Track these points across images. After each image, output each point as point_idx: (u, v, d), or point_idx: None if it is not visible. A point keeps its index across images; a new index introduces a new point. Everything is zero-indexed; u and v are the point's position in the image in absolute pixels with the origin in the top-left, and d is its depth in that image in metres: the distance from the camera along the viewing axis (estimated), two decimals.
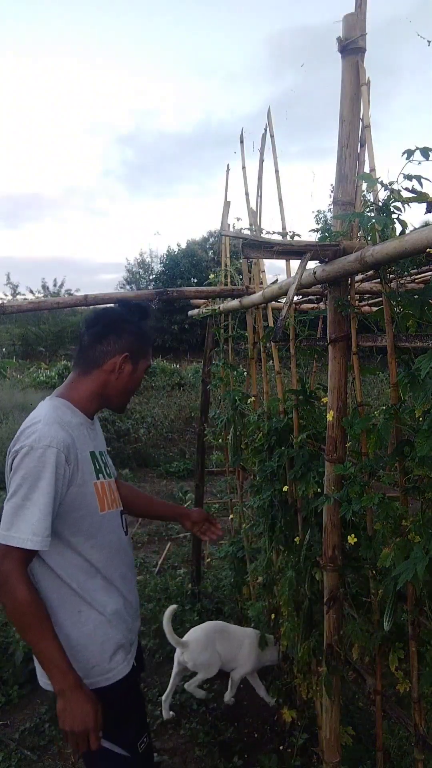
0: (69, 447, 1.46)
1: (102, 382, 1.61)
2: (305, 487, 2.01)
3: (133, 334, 1.63)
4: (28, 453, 1.41)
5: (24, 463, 1.41)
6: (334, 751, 1.82)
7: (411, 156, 1.32)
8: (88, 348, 1.61)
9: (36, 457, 1.40)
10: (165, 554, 4.63)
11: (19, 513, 1.37)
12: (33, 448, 1.41)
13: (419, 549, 1.31)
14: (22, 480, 1.40)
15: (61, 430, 1.46)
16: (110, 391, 1.63)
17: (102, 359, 1.60)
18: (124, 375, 1.62)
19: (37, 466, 1.40)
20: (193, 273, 25.98)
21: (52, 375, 16.38)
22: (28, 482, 1.39)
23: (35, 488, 1.39)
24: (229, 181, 3.05)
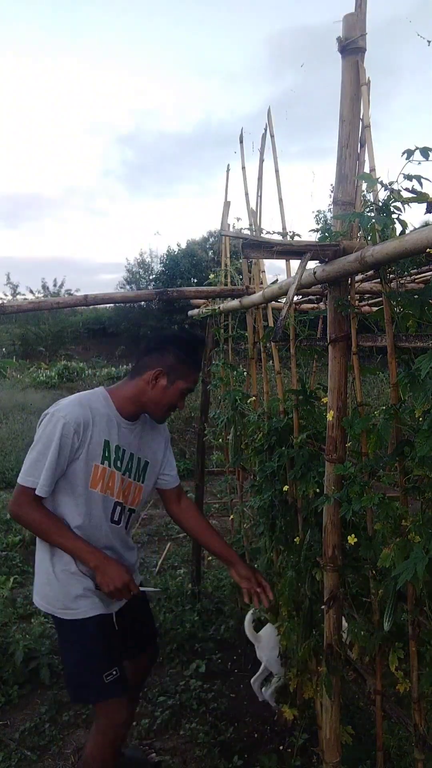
0: (81, 425, 1.78)
1: (140, 389, 1.89)
2: (305, 487, 2.01)
3: (175, 356, 1.88)
4: (48, 418, 1.79)
5: (43, 425, 1.79)
6: (334, 751, 1.82)
7: (411, 156, 1.32)
8: (139, 359, 1.94)
9: (52, 423, 1.77)
10: (165, 554, 4.63)
11: (35, 464, 1.77)
12: (53, 415, 1.79)
13: (419, 549, 1.31)
14: (39, 438, 1.78)
15: (80, 408, 1.81)
16: (146, 400, 1.90)
17: (143, 370, 1.89)
18: (158, 388, 1.87)
19: (51, 431, 1.76)
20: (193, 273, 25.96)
21: (52, 375, 16.41)
22: (42, 441, 1.77)
23: (48, 448, 1.75)
24: (229, 181, 3.05)
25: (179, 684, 2.89)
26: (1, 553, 4.60)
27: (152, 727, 2.60)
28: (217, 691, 2.85)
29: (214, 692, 2.84)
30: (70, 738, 2.57)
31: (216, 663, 3.08)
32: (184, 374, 1.89)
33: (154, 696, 2.81)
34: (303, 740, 2.37)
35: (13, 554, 4.60)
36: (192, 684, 2.88)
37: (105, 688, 1.85)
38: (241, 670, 3.04)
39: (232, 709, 2.74)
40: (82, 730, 2.56)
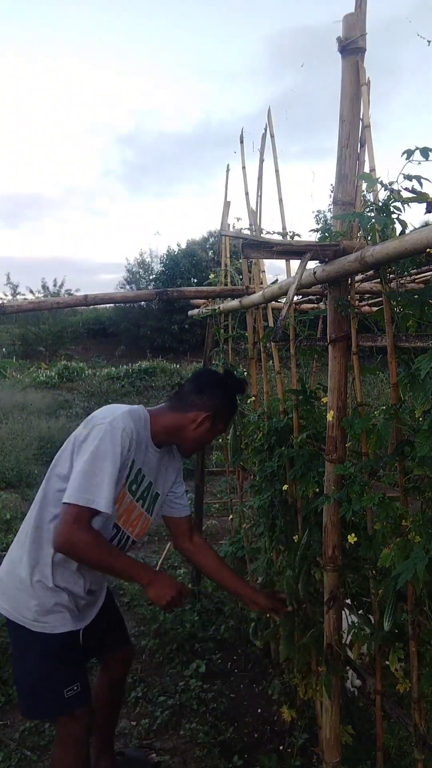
0: (134, 441, 1.72)
1: (181, 425, 1.86)
2: (305, 487, 2.01)
3: (223, 401, 1.88)
4: (104, 429, 1.66)
5: (100, 436, 1.64)
6: (334, 751, 1.82)
7: (411, 156, 1.32)
8: (186, 394, 1.89)
9: (110, 433, 1.65)
10: (165, 554, 4.63)
11: (91, 479, 1.59)
12: (110, 426, 1.66)
13: (419, 549, 1.31)
14: (95, 449, 1.62)
15: (132, 423, 1.73)
16: (183, 435, 1.88)
17: (190, 408, 1.85)
18: (201, 429, 1.86)
19: (111, 442, 1.64)
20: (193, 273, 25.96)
21: (52, 375, 16.40)
22: (99, 454, 1.62)
23: (106, 460, 1.62)
24: (229, 181, 3.05)
25: (179, 684, 2.89)
26: (1, 553, 4.60)
27: (152, 727, 2.60)
28: (217, 691, 2.85)
29: (214, 692, 2.84)
30: None
31: (216, 663, 3.08)
32: (226, 417, 1.94)
33: (154, 696, 2.81)
34: (303, 740, 2.37)
35: None
36: (192, 684, 2.87)
37: (64, 703, 1.76)
38: (241, 670, 3.04)
39: (232, 709, 2.74)
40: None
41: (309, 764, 2.30)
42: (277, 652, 2.71)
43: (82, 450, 1.66)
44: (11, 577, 1.80)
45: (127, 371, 15.89)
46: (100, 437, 1.64)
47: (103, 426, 1.67)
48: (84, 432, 1.72)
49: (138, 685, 2.90)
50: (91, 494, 1.58)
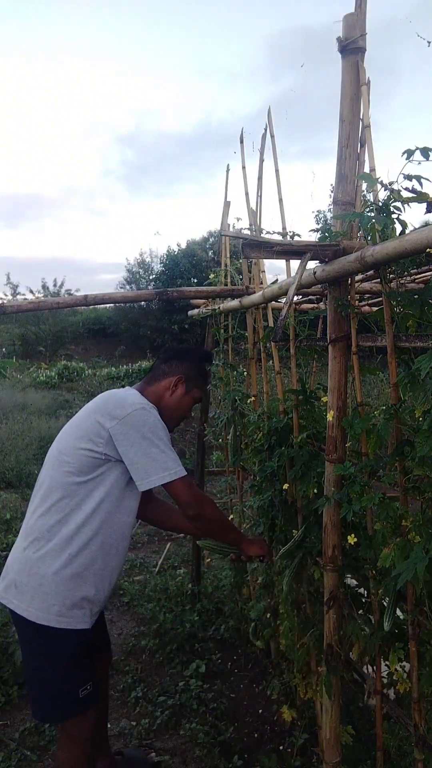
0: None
1: (159, 394, 1.97)
2: (305, 487, 2.01)
3: (194, 366, 2.02)
4: (140, 412, 1.75)
5: (140, 421, 1.74)
6: (334, 751, 1.82)
7: (411, 156, 1.32)
8: (157, 368, 2.02)
9: (149, 414, 1.76)
10: (165, 554, 4.63)
11: (168, 453, 1.73)
12: (143, 408, 1.77)
13: (419, 549, 1.31)
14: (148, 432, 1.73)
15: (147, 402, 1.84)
16: (163, 404, 1.96)
17: (162, 377, 1.99)
18: (176, 395, 1.97)
19: (152, 420, 1.75)
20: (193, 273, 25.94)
21: (52, 375, 16.38)
22: (152, 432, 1.73)
23: (159, 435, 1.74)
24: (229, 181, 3.05)
25: (179, 684, 2.89)
26: (1, 553, 4.59)
27: (152, 727, 2.60)
28: (217, 691, 2.85)
29: (214, 692, 2.84)
30: None
31: (216, 663, 3.08)
32: (200, 384, 2.04)
33: (154, 696, 2.81)
34: (303, 740, 2.37)
35: None
36: (192, 684, 2.87)
37: (79, 702, 1.79)
38: (241, 670, 3.04)
39: (232, 709, 2.74)
40: None
41: (309, 764, 2.30)
42: (278, 652, 2.71)
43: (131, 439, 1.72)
44: (31, 577, 1.77)
45: (127, 371, 15.88)
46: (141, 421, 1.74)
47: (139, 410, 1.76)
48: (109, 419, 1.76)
49: (138, 685, 2.90)
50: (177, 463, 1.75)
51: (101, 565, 1.81)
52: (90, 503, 1.77)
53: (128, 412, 1.74)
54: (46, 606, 1.74)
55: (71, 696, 1.78)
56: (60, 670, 1.78)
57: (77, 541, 1.77)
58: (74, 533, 1.77)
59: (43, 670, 1.80)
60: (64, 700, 1.79)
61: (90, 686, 1.82)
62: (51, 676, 1.79)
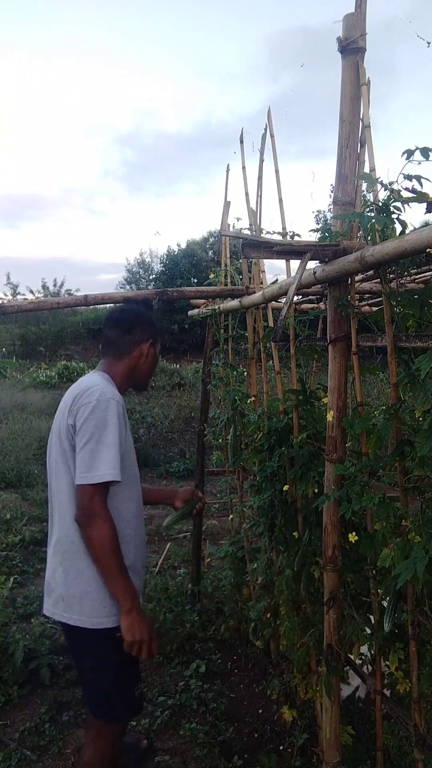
0: (121, 404, 1.78)
1: (132, 366, 1.96)
2: (305, 487, 2.01)
3: (152, 324, 2.01)
4: (96, 405, 1.71)
5: (93, 414, 1.70)
6: (334, 751, 1.82)
7: (411, 156, 1.32)
8: (119, 340, 1.95)
9: (103, 407, 1.71)
10: (165, 554, 4.63)
11: (95, 456, 1.66)
12: (99, 401, 1.71)
13: (419, 549, 1.31)
14: (93, 428, 1.69)
15: (112, 387, 1.82)
16: (138, 373, 1.98)
17: (131, 348, 1.94)
18: (150, 358, 1.99)
19: (105, 415, 1.70)
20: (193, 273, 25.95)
21: (52, 375, 16.38)
22: (98, 429, 1.69)
23: (105, 433, 1.69)
24: (229, 181, 3.05)
25: (179, 684, 2.89)
26: (1, 553, 4.60)
27: (152, 727, 2.60)
28: (217, 691, 2.85)
29: (214, 692, 2.84)
30: (70, 738, 2.57)
31: (216, 663, 3.08)
32: (159, 336, 2.05)
33: (154, 696, 2.81)
34: (303, 740, 2.37)
35: (13, 554, 4.60)
36: (192, 684, 2.88)
37: (134, 703, 1.85)
38: (241, 670, 3.04)
39: (232, 709, 2.74)
40: (82, 730, 2.56)
41: (309, 764, 2.30)
42: (277, 652, 2.72)
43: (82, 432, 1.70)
44: (77, 587, 1.76)
45: None
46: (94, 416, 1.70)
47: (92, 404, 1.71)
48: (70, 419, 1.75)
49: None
50: (101, 470, 1.66)
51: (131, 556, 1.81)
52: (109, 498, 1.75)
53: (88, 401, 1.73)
54: (99, 608, 1.75)
55: (129, 696, 1.83)
56: (117, 670, 1.80)
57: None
58: None
59: (104, 673, 1.81)
60: (123, 701, 1.83)
61: (139, 687, 1.88)
62: (112, 677, 1.81)
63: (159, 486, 2.76)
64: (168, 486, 7.02)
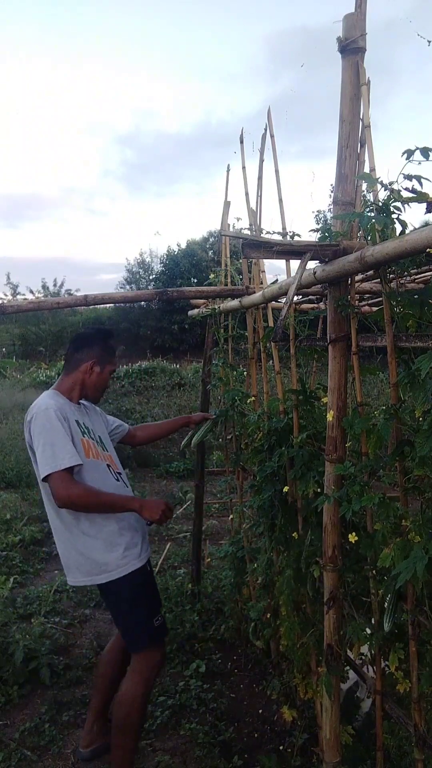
0: (61, 410, 2.14)
1: (79, 379, 2.31)
2: (305, 487, 2.01)
3: (100, 347, 2.34)
4: (37, 415, 2.11)
5: (39, 423, 2.09)
6: (334, 751, 1.82)
7: (411, 156, 1.32)
8: (70, 356, 2.35)
9: (43, 416, 2.10)
10: (165, 554, 4.63)
11: (52, 451, 2.03)
12: (39, 411, 2.12)
13: (419, 549, 1.31)
14: (42, 432, 2.06)
15: (52, 400, 2.18)
16: (86, 386, 2.33)
17: (78, 364, 2.31)
18: (94, 374, 2.32)
19: (48, 420, 2.09)
20: (193, 273, 25.95)
21: (52, 375, 16.36)
22: (46, 431, 2.06)
23: (52, 432, 2.06)
24: (229, 181, 3.05)
25: (179, 684, 2.89)
26: (1, 553, 4.60)
27: (152, 727, 2.60)
28: (217, 691, 2.85)
29: (214, 692, 2.84)
30: (70, 738, 2.57)
31: (216, 663, 3.08)
32: (110, 359, 2.38)
33: (154, 696, 2.81)
34: (303, 740, 2.37)
35: (13, 554, 4.60)
36: (192, 684, 2.88)
37: (155, 632, 2.21)
38: (241, 670, 3.04)
39: (232, 709, 2.74)
40: (81, 730, 2.56)
41: (309, 764, 2.30)
42: (278, 651, 2.72)
43: (37, 441, 2.07)
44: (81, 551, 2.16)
45: (127, 371, 15.86)
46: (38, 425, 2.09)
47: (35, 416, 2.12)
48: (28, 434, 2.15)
49: None
50: (57, 459, 2.02)
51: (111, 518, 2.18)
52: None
53: (32, 414, 2.13)
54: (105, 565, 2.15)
55: (147, 626, 2.20)
56: (133, 605, 2.20)
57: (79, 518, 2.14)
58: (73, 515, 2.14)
59: (127, 612, 2.21)
60: (140, 631, 2.20)
61: (160, 618, 2.26)
62: (132, 614, 2.21)
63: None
64: (168, 486, 7.02)
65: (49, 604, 3.72)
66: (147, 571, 2.28)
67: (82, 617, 3.67)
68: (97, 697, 2.46)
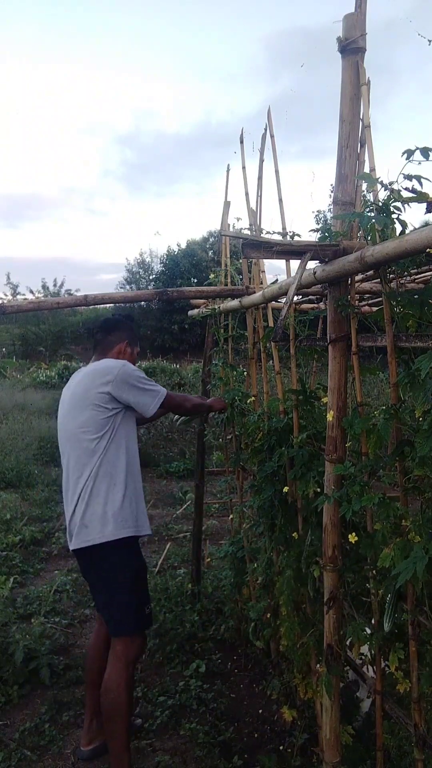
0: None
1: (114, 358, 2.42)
2: (305, 487, 2.01)
3: (129, 330, 2.54)
4: (125, 367, 2.29)
5: (127, 371, 2.27)
6: (334, 751, 1.82)
7: (411, 156, 1.32)
8: (104, 340, 2.49)
9: (126, 366, 2.29)
10: (165, 554, 4.63)
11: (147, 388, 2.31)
12: (126, 365, 2.31)
13: (419, 549, 1.31)
14: (131, 380, 2.27)
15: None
16: None
17: (113, 345, 2.47)
18: (127, 354, 2.48)
19: (130, 369, 2.29)
20: (193, 273, 25.96)
21: (52, 375, 16.39)
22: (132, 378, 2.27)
23: (140, 378, 2.30)
24: (229, 181, 3.05)
25: (179, 684, 2.89)
26: (1, 553, 4.60)
27: (152, 727, 2.60)
28: (217, 691, 2.85)
29: (214, 692, 2.84)
30: (70, 738, 2.57)
31: (216, 663, 3.08)
32: (136, 341, 2.57)
33: (154, 696, 2.81)
34: (303, 740, 2.37)
35: (13, 554, 4.60)
36: (192, 684, 2.88)
37: (143, 619, 2.27)
38: (241, 670, 3.04)
39: (232, 709, 2.74)
40: (81, 730, 2.56)
41: (309, 764, 2.30)
42: (278, 651, 2.71)
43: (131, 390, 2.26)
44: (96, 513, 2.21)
45: None
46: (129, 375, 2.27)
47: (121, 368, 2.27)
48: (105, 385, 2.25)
49: (138, 685, 2.90)
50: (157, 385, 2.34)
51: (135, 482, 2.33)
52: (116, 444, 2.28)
53: (115, 373, 2.25)
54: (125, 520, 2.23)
55: (138, 612, 2.24)
56: (132, 582, 2.24)
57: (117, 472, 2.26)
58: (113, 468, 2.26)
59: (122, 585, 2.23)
60: (132, 615, 2.23)
61: (149, 608, 2.31)
62: (127, 589, 2.24)
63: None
64: (168, 486, 7.02)
65: (49, 604, 3.72)
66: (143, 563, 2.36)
67: (82, 617, 3.67)
68: (90, 693, 2.46)
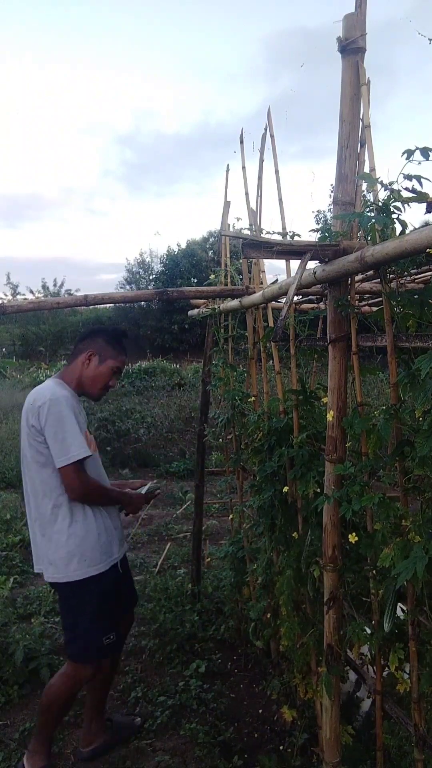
0: (69, 400, 2.16)
1: (77, 371, 2.30)
2: (305, 487, 2.01)
3: (103, 340, 2.33)
4: (52, 403, 2.09)
5: (53, 412, 2.09)
6: (334, 751, 1.82)
7: (411, 156, 1.32)
8: (74, 347, 2.36)
9: (57, 405, 2.10)
10: (165, 554, 4.63)
11: (65, 441, 2.08)
12: (52, 400, 2.10)
13: (419, 549, 1.31)
14: (54, 422, 2.08)
15: (65, 391, 2.19)
16: (83, 378, 2.29)
17: (77, 355, 2.32)
18: (91, 366, 2.29)
19: (62, 409, 2.10)
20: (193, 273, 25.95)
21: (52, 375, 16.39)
22: (58, 421, 2.08)
23: (64, 422, 2.08)
24: (229, 181, 3.05)
25: (179, 684, 2.89)
26: (1, 553, 4.60)
27: (152, 727, 2.60)
28: (217, 691, 2.85)
29: (214, 692, 2.84)
30: (70, 738, 2.57)
31: (216, 663, 3.08)
32: (113, 355, 2.33)
33: (154, 696, 2.81)
34: (303, 740, 2.37)
35: (13, 554, 4.61)
36: (192, 684, 2.88)
37: (102, 649, 2.22)
38: (241, 670, 3.04)
39: (232, 709, 2.74)
40: (81, 730, 2.56)
41: (309, 764, 2.30)
42: (278, 651, 2.72)
43: (47, 429, 2.08)
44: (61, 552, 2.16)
45: (127, 371, 15.87)
46: (49, 414, 2.08)
47: (46, 405, 2.09)
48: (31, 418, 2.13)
49: (138, 685, 2.90)
50: (71, 451, 2.07)
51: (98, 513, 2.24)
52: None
53: (42, 402, 2.11)
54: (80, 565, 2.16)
55: (97, 642, 2.21)
56: (89, 618, 2.19)
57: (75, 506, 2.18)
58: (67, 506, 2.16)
59: (78, 619, 2.21)
60: (91, 645, 2.21)
61: (113, 636, 2.26)
62: (83, 624, 2.20)
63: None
64: (168, 486, 7.02)
65: (49, 604, 3.72)
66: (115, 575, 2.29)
67: None
68: (91, 695, 2.46)
